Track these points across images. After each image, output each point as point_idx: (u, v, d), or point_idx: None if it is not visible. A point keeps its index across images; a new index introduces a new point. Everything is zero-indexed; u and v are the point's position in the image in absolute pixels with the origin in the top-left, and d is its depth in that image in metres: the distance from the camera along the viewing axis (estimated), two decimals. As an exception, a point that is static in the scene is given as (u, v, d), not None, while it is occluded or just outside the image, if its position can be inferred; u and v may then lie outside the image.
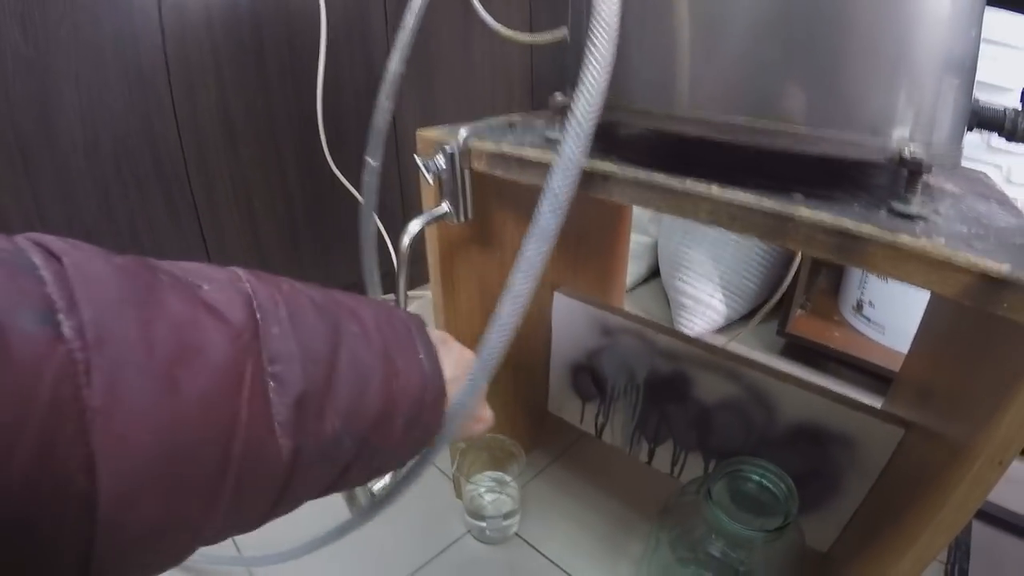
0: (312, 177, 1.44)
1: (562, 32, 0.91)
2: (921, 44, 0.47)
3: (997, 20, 1.00)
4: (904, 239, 0.43)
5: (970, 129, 0.57)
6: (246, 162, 1.33)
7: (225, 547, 1.13)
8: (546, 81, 1.87)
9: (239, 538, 1.15)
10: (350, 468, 0.41)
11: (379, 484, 0.79)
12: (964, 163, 0.59)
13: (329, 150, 1.39)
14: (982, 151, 1.07)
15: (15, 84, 1.02)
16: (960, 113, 0.53)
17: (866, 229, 0.45)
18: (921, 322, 0.89)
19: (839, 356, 1.34)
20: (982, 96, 0.55)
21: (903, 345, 0.99)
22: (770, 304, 1.45)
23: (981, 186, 0.66)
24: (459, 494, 1.06)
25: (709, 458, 0.91)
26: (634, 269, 1.74)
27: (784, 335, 1.40)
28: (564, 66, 0.69)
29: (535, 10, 1.73)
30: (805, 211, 0.47)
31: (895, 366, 1.17)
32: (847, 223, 0.46)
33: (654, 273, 1.82)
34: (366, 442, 0.41)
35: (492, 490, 1.01)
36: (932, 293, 0.47)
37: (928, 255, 0.43)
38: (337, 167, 1.42)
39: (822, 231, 0.47)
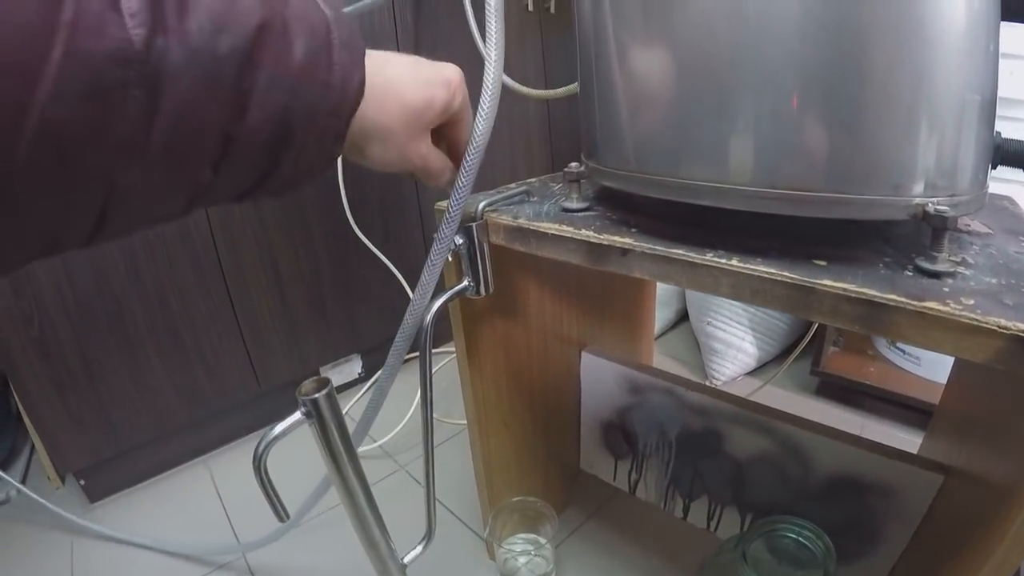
0: (336, 239, 1.45)
1: (574, 87, 0.91)
2: (937, 94, 0.46)
3: (1012, 33, 0.98)
4: (931, 305, 0.42)
5: (994, 167, 0.56)
6: (270, 225, 1.34)
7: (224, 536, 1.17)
8: (564, 130, 1.87)
9: (237, 526, 1.20)
10: (247, 100, 0.36)
11: (410, 555, 0.78)
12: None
13: (351, 212, 1.40)
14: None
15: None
16: (983, 154, 0.52)
17: (891, 297, 0.44)
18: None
19: (875, 391, 1.31)
20: (999, 110, 0.54)
21: (941, 376, 0.97)
22: (802, 344, 1.43)
23: (1009, 218, 0.65)
24: (492, 555, 1.05)
25: (745, 512, 0.89)
26: (663, 315, 1.72)
27: (818, 374, 1.37)
28: (579, 131, 0.69)
29: (548, 61, 1.75)
30: (828, 281, 0.46)
31: (934, 398, 1.14)
32: (872, 292, 0.44)
33: (683, 317, 1.80)
34: (253, 62, 0.36)
35: (526, 552, 1.00)
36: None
37: (956, 321, 0.41)
38: (359, 228, 1.43)
39: (846, 302, 0.46)
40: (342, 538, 1.13)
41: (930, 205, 0.46)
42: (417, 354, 0.68)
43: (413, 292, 0.65)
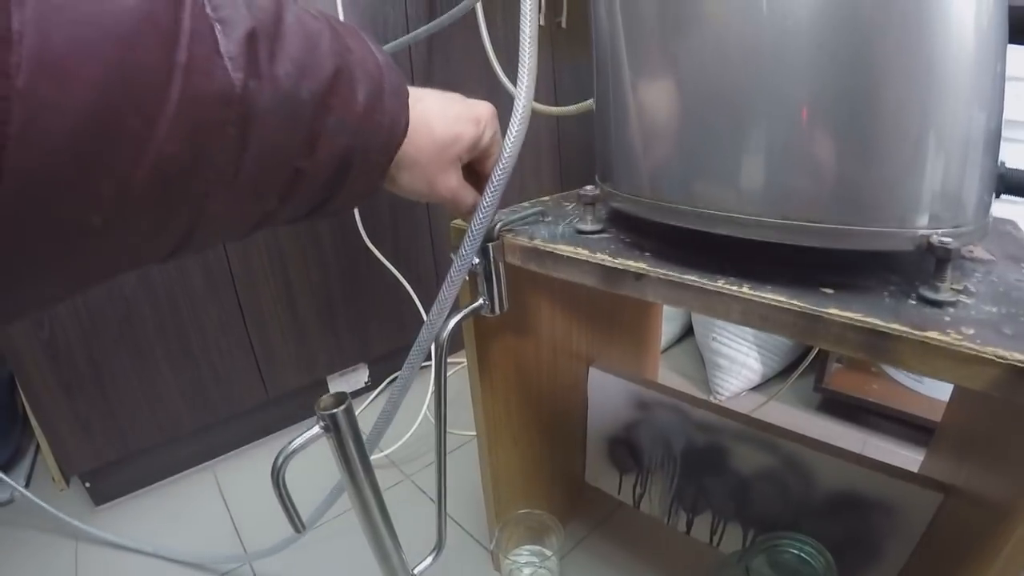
0: (347, 249, 1.46)
1: (588, 104, 0.92)
2: (944, 128, 0.48)
3: (1017, 56, 0.98)
4: (932, 335, 0.43)
5: (997, 196, 0.57)
6: (282, 234, 1.35)
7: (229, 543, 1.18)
8: (574, 148, 1.88)
9: (243, 533, 1.21)
10: (317, 140, 0.41)
11: (420, 567, 0.79)
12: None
13: (363, 223, 1.41)
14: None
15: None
16: (987, 184, 0.53)
17: (894, 327, 0.45)
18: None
19: (878, 408, 1.31)
20: (1004, 132, 0.54)
21: (943, 394, 0.98)
22: (807, 360, 1.44)
23: (1011, 243, 0.66)
24: (498, 566, 1.05)
25: (748, 528, 0.90)
26: (668, 329, 1.73)
27: (821, 390, 1.38)
28: (591, 149, 0.70)
29: (560, 78, 1.76)
30: (835, 310, 0.48)
31: (936, 415, 1.15)
32: (876, 321, 0.46)
33: (688, 332, 1.81)
34: (327, 107, 0.40)
35: (531, 563, 1.01)
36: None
37: (956, 351, 0.42)
38: (370, 239, 1.44)
39: (852, 330, 0.47)
40: (349, 548, 1.14)
41: (934, 236, 0.48)
42: (423, 365, 0.69)
43: (428, 310, 0.66)
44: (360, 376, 1.64)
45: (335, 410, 0.59)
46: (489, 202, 0.60)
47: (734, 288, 0.53)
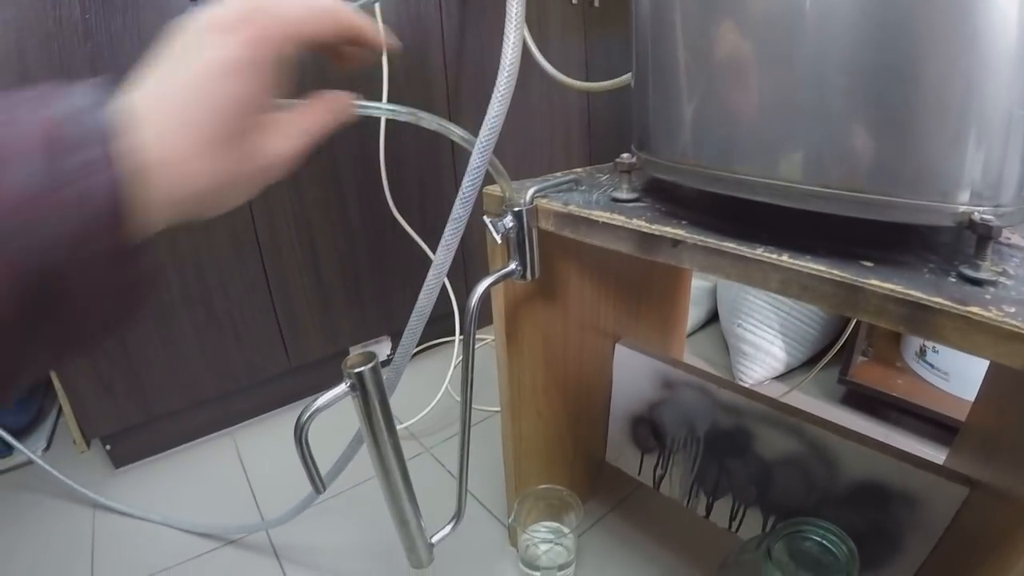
0: (374, 219, 1.46)
1: (624, 79, 0.91)
2: (988, 105, 0.46)
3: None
4: (974, 310, 0.42)
5: None
6: (309, 203, 1.35)
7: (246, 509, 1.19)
8: (603, 127, 1.88)
9: (260, 500, 1.22)
10: None
11: (438, 535, 0.79)
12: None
13: (391, 194, 1.41)
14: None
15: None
16: None
17: (937, 300, 0.44)
18: (988, 369, 0.87)
19: (902, 404, 1.30)
20: None
21: (969, 392, 0.96)
22: (831, 352, 1.42)
23: None
24: (514, 542, 1.05)
25: (768, 514, 0.89)
26: (693, 314, 1.72)
27: (845, 382, 1.36)
28: (629, 121, 0.69)
29: (591, 57, 1.75)
30: (876, 281, 0.47)
31: (960, 414, 1.13)
32: (918, 293, 0.45)
33: (713, 318, 1.80)
34: None
35: (547, 540, 1.00)
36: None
37: (998, 327, 0.41)
38: (397, 210, 1.43)
39: (893, 302, 0.46)
40: (364, 517, 1.15)
41: (976, 213, 0.47)
42: (446, 339, 0.69)
43: (453, 284, 0.66)
44: (383, 349, 1.63)
45: (362, 369, 0.58)
46: (479, 162, 0.59)
47: (773, 256, 0.52)
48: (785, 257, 0.52)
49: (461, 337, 1.53)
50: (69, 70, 1.02)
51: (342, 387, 0.59)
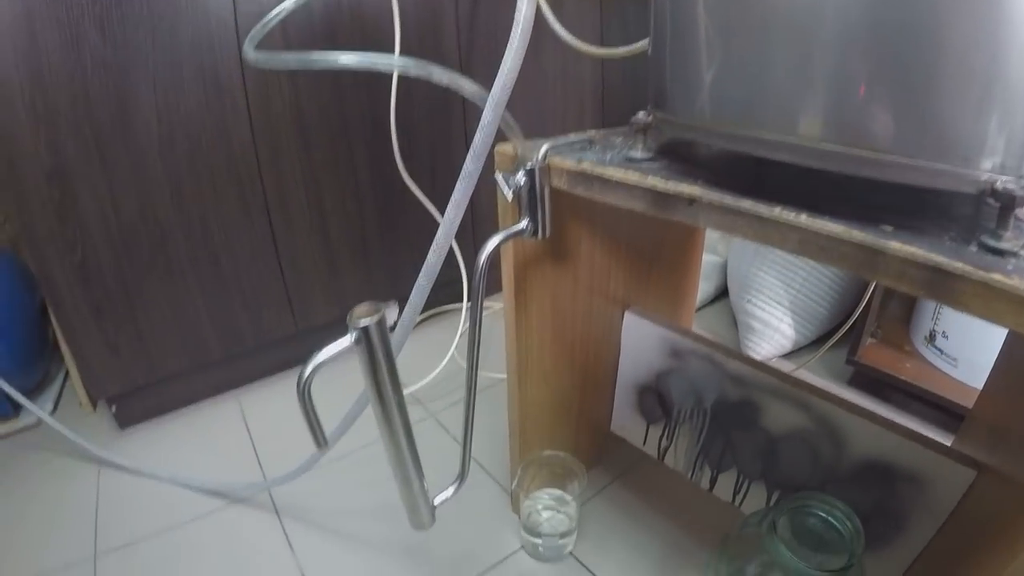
0: (383, 183, 1.45)
1: (641, 45, 0.90)
2: (1012, 72, 0.45)
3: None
4: (996, 277, 0.41)
5: None
6: (318, 164, 1.34)
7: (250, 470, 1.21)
8: (617, 100, 1.86)
9: (264, 462, 1.24)
10: None
11: (440, 496, 0.78)
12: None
13: (401, 158, 1.40)
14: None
15: (94, 82, 1.05)
16: None
17: (959, 266, 0.43)
18: (998, 357, 0.86)
19: (908, 388, 1.29)
20: None
21: (976, 380, 0.95)
22: (841, 331, 1.42)
23: None
24: (516, 508, 1.05)
25: (772, 489, 0.88)
26: (703, 289, 1.71)
27: (853, 363, 1.36)
28: (646, 81, 0.68)
29: (606, 24, 1.73)
30: (897, 244, 0.46)
31: (967, 402, 1.13)
32: (939, 258, 0.44)
33: (722, 293, 1.79)
34: None
35: (550, 507, 1.00)
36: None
37: (1020, 296, 0.41)
38: (408, 174, 1.42)
39: (914, 266, 0.45)
40: (367, 481, 1.15)
41: (999, 182, 0.46)
42: (453, 306, 0.68)
43: (462, 250, 0.65)
44: (390, 314, 1.62)
45: (368, 321, 0.58)
46: (492, 117, 0.58)
47: (791, 216, 0.51)
48: (804, 217, 0.50)
49: (468, 304, 1.53)
50: (77, 31, 1.02)
51: (347, 339, 0.59)
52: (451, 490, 0.80)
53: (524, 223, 0.71)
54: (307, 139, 1.31)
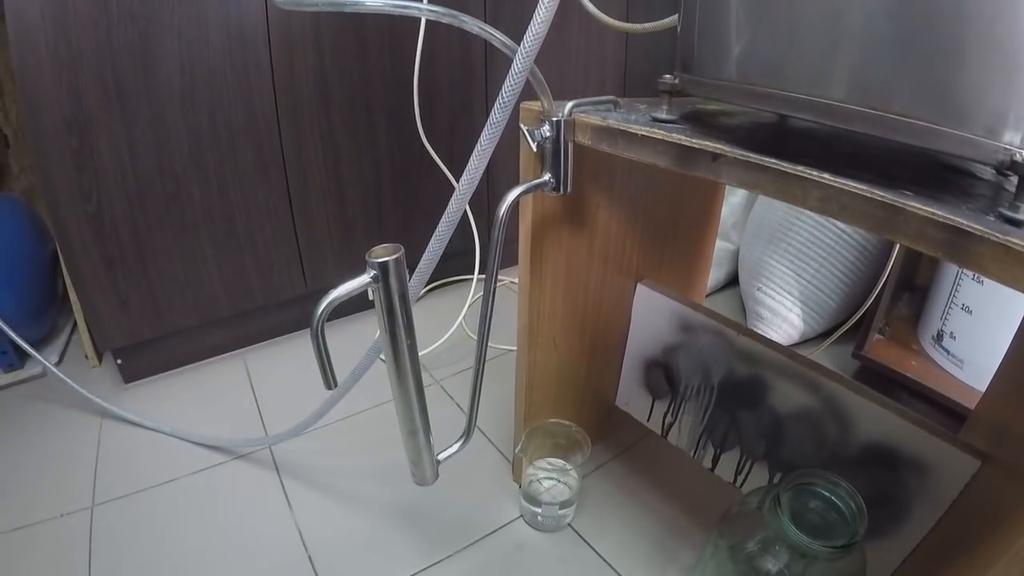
0: (402, 148, 1.45)
1: (669, 21, 0.90)
2: None
3: None
4: (1015, 240, 0.41)
5: None
6: (338, 126, 1.34)
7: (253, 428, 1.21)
8: (638, 75, 1.85)
9: (267, 420, 1.24)
10: None
11: (445, 452, 0.78)
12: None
13: (422, 124, 1.40)
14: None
15: (118, 32, 1.05)
16: None
17: (979, 228, 0.43)
18: (1004, 359, 0.85)
19: (913, 386, 1.29)
20: None
21: (982, 383, 0.94)
22: (848, 325, 1.41)
23: None
24: (517, 476, 1.05)
25: (775, 470, 0.88)
26: (713, 274, 1.71)
27: (859, 357, 1.35)
28: (669, 59, 0.68)
29: (632, 4, 1.72)
30: (917, 204, 0.46)
31: (971, 403, 1.12)
32: (959, 220, 0.44)
33: (732, 281, 1.79)
34: None
35: (551, 477, 1.00)
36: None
37: None
38: (428, 141, 1.42)
39: (933, 226, 0.45)
40: (367, 443, 1.16)
41: (1019, 154, 0.46)
42: (464, 277, 0.68)
43: (477, 220, 0.65)
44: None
45: (387, 258, 0.58)
46: (521, 68, 0.58)
47: (814, 173, 0.51)
48: (826, 175, 0.51)
49: (479, 276, 1.53)
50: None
51: (364, 277, 0.59)
52: (456, 446, 0.80)
53: (546, 176, 0.71)
54: (328, 99, 1.31)
